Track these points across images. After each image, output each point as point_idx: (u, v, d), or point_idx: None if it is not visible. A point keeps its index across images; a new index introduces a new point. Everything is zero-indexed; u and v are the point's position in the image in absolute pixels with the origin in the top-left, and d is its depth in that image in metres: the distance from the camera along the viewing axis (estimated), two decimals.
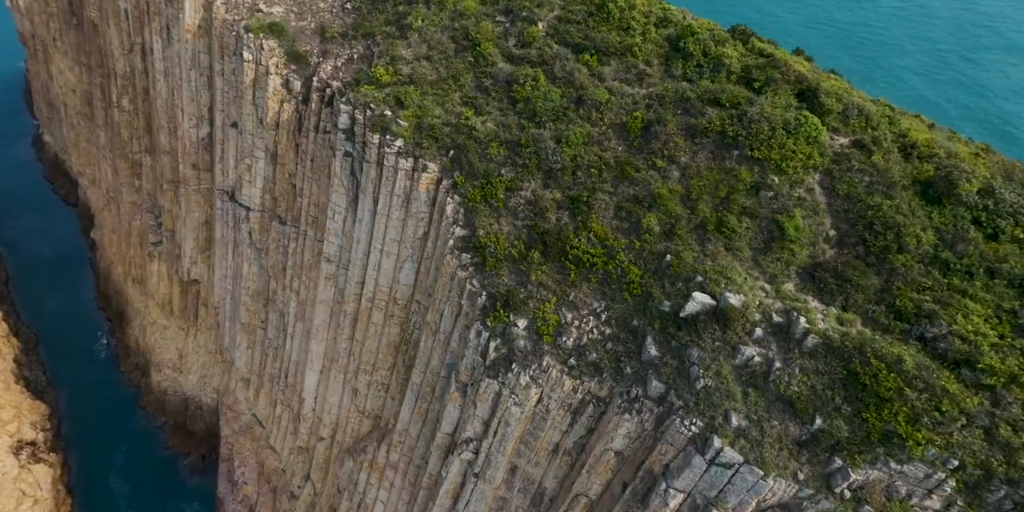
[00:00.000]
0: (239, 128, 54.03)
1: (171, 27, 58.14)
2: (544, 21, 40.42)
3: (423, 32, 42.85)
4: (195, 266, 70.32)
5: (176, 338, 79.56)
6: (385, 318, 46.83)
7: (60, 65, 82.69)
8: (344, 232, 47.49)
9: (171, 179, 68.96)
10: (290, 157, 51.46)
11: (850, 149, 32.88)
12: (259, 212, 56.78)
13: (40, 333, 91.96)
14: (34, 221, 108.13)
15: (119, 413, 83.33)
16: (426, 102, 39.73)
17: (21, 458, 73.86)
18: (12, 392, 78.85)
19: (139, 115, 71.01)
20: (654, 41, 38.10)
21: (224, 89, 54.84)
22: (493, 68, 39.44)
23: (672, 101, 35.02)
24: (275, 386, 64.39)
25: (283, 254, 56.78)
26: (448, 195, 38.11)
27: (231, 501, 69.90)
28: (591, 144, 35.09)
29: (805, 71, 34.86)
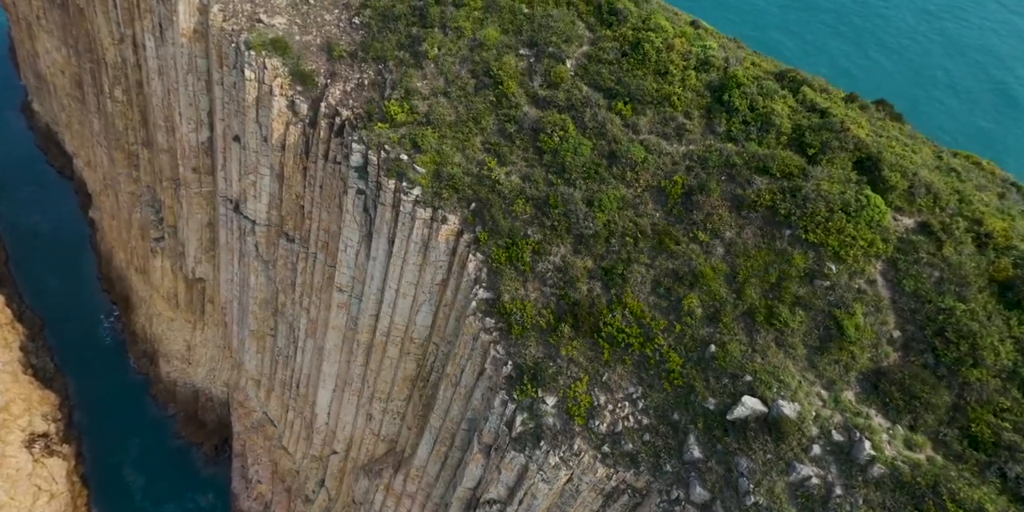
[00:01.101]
0: (242, 143, 51.28)
1: (164, 26, 54.46)
2: (572, 59, 37.32)
3: (440, 62, 39.75)
4: (200, 265, 68.57)
5: (183, 330, 78.58)
6: (401, 354, 45.59)
7: (46, 44, 78.49)
8: (357, 264, 45.67)
9: (170, 177, 66.39)
10: (297, 179, 49.01)
11: (917, 235, 30.45)
12: (265, 226, 54.69)
13: (44, 316, 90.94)
14: (29, 194, 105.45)
15: (129, 402, 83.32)
16: (445, 147, 37.18)
17: (34, 452, 74.12)
18: (21, 383, 78.47)
19: (134, 107, 67.76)
20: (694, 88, 35.13)
21: (224, 100, 51.77)
22: (517, 112, 36.66)
23: (716, 165, 32.49)
24: (287, 392, 63.82)
25: (292, 270, 55.05)
26: (470, 250, 36.14)
27: (246, 498, 70.55)
28: (625, 208, 32.88)
29: (864, 135, 32.04)
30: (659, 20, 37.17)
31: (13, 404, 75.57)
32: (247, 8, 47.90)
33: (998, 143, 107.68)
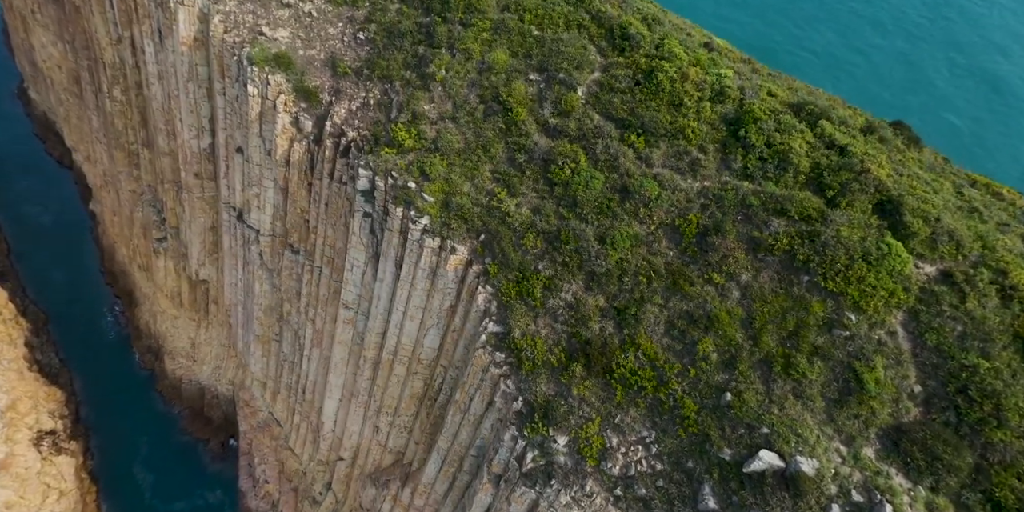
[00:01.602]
0: (244, 155, 50.59)
1: (163, 33, 53.32)
2: (583, 86, 36.50)
3: (447, 85, 38.91)
4: (203, 268, 68.27)
5: (187, 328, 78.60)
6: (408, 373, 45.57)
7: (42, 39, 77.04)
8: (363, 283, 45.39)
9: (172, 180, 65.74)
10: (302, 195, 48.44)
11: (939, 285, 29.95)
12: (269, 237, 54.25)
13: (48, 310, 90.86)
14: (28, 183, 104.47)
15: (135, 397, 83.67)
16: (453, 175, 36.61)
17: (42, 450, 74.66)
18: (27, 381, 78.75)
19: (133, 107, 66.76)
20: (709, 121, 34.39)
21: (226, 110, 50.95)
22: (527, 140, 35.99)
23: (731, 204, 31.96)
24: (293, 396, 64.05)
25: (297, 280, 54.77)
26: (479, 281, 35.83)
27: (253, 497, 71.30)
28: (639, 245, 32.47)
29: (885, 176, 31.36)
30: (673, 46, 36.26)
31: (20, 402, 75.90)
32: (249, 20, 46.82)
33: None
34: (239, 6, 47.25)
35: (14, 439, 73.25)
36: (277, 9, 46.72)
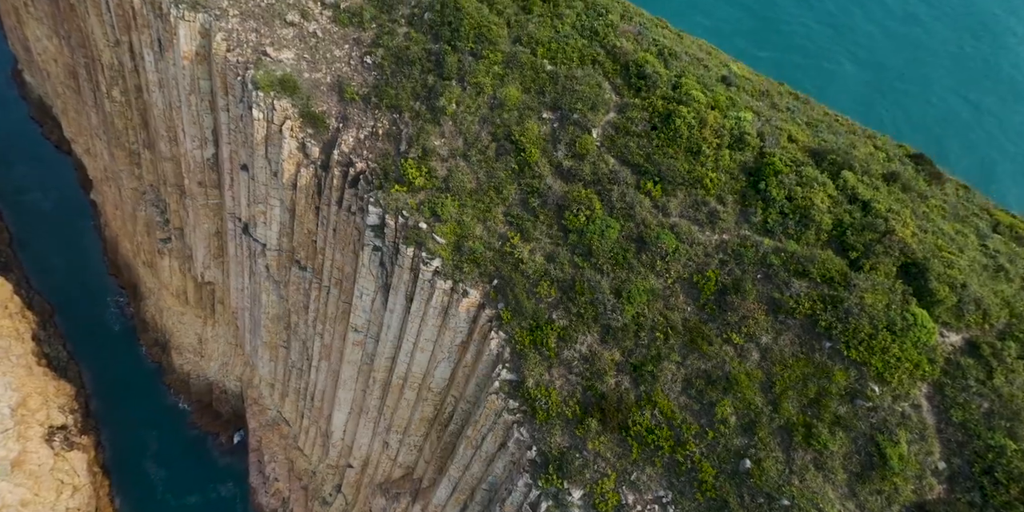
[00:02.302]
0: (250, 173, 49.90)
1: (163, 43, 51.93)
2: (598, 128, 35.68)
3: (458, 120, 38.07)
4: (208, 270, 68.03)
5: (194, 324, 78.79)
6: (418, 398, 45.81)
7: (36, 32, 75.14)
8: (373, 309, 45.26)
9: (175, 184, 64.98)
10: (309, 217, 47.91)
11: (965, 357, 29.66)
12: (276, 251, 53.91)
13: (53, 301, 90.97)
14: (27, 169, 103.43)
15: (144, 389, 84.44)
16: (465, 217, 36.13)
17: (54, 445, 75.62)
18: (35, 376, 79.28)
19: (133, 109, 65.51)
20: (728, 170, 33.69)
21: (230, 127, 50.04)
22: (540, 184, 35.38)
23: (751, 262, 31.55)
24: (301, 400, 64.58)
25: (304, 295, 54.64)
26: (492, 327, 35.70)
27: (264, 494, 72.54)
28: (655, 300, 32.20)
29: (909, 236, 30.75)
30: (690, 86, 35.32)
31: (30, 398, 76.56)
32: (252, 38, 45.55)
33: None
34: (241, 23, 45.94)
35: (26, 436, 74.13)
36: (281, 28, 45.42)
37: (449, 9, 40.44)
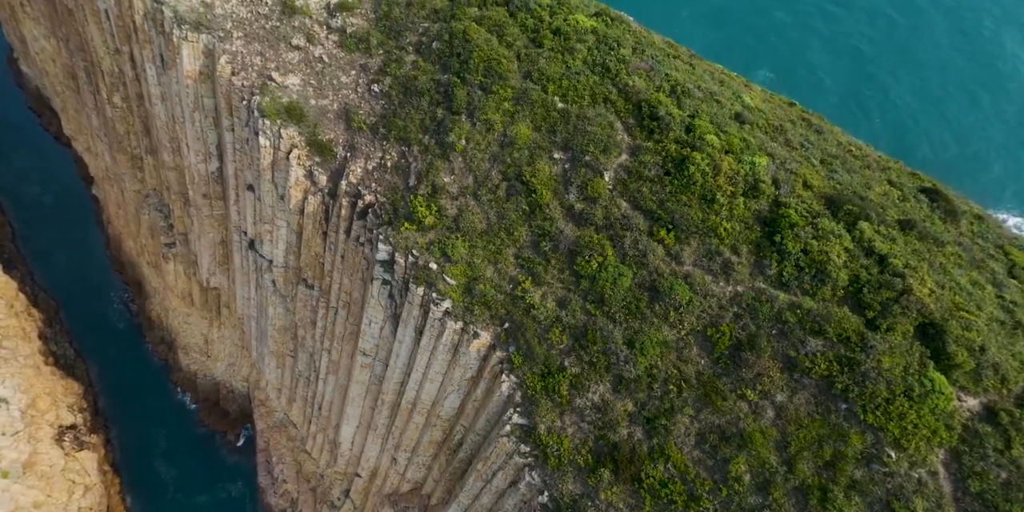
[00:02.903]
0: (256, 194, 49.55)
1: (165, 58, 51.10)
2: (610, 171, 35.30)
3: (468, 157, 37.68)
4: (214, 277, 68.00)
5: (200, 325, 79.03)
6: (427, 424, 46.19)
7: (33, 31, 73.76)
8: (382, 336, 45.35)
9: (179, 191, 64.57)
10: (317, 242, 47.72)
11: (983, 424, 29.64)
12: (283, 268, 53.83)
13: (58, 298, 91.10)
14: (26, 161, 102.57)
15: (151, 387, 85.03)
16: (476, 258, 36.02)
17: (65, 445, 76.51)
18: (44, 376, 79.83)
19: (135, 115, 64.75)
20: (742, 219, 33.39)
21: (235, 146, 49.53)
22: (552, 226, 35.16)
23: (766, 318, 31.44)
24: (309, 408, 65.12)
25: (312, 311, 54.71)
26: (503, 369, 35.85)
27: (272, 494, 73.63)
28: (669, 352, 32.24)
29: (926, 295, 30.55)
30: (703, 129, 34.85)
31: (39, 399, 77.19)
32: (257, 62, 44.82)
33: None
34: (246, 46, 45.16)
35: (37, 437, 74.91)
36: (286, 51, 44.66)
37: (458, 40, 39.73)
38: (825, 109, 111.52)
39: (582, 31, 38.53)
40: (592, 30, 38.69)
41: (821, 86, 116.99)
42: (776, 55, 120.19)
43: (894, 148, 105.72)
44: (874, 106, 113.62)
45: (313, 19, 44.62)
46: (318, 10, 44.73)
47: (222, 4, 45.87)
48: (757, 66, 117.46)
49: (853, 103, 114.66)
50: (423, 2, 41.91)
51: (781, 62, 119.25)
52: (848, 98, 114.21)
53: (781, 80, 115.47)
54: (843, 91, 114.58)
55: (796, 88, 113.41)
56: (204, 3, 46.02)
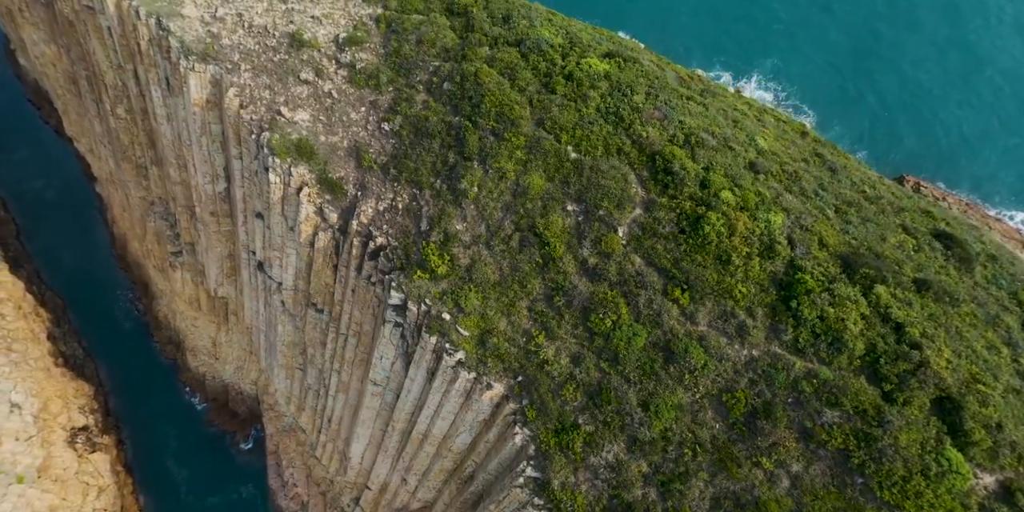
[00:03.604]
0: (265, 222, 49.48)
1: (171, 82, 50.49)
2: (624, 226, 35.24)
3: (480, 205, 37.58)
4: (222, 287, 68.24)
5: (208, 328, 79.54)
6: (438, 454, 46.87)
7: (33, 36, 72.63)
8: (393, 370, 45.73)
9: (185, 204, 64.39)
10: (327, 273, 47.79)
11: (999, 504, 29.88)
12: (292, 291, 54.01)
13: (64, 296, 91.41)
14: (27, 155, 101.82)
15: (160, 386, 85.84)
16: (489, 310, 36.21)
17: (77, 447, 77.72)
18: (54, 378, 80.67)
19: (139, 128, 64.21)
20: (757, 281, 33.41)
21: (244, 174, 49.27)
22: (565, 281, 35.25)
23: (782, 386, 31.66)
24: (318, 418, 65.94)
25: (322, 333, 55.06)
26: (516, 420, 36.29)
27: (283, 497, 75.04)
28: (683, 415, 32.58)
29: (943, 367, 30.71)
30: (718, 184, 34.67)
31: (51, 402, 78.17)
32: (266, 96, 44.35)
33: None
34: (254, 79, 44.63)
35: (50, 440, 76.07)
36: (295, 85, 44.13)
37: (469, 82, 39.27)
38: (831, 99, 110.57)
39: (595, 76, 38.05)
40: (605, 75, 38.21)
41: (827, 73, 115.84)
42: (782, 44, 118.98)
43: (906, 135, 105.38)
44: (878, 90, 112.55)
45: (322, 53, 44.01)
46: (327, 43, 44.08)
47: (229, 35, 45.19)
48: (767, 55, 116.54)
49: (854, 88, 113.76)
50: (433, 40, 41.29)
51: (786, 51, 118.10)
52: (855, 77, 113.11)
53: (788, 68, 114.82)
54: (849, 75, 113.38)
55: (802, 77, 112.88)
56: (211, 33, 45.36)
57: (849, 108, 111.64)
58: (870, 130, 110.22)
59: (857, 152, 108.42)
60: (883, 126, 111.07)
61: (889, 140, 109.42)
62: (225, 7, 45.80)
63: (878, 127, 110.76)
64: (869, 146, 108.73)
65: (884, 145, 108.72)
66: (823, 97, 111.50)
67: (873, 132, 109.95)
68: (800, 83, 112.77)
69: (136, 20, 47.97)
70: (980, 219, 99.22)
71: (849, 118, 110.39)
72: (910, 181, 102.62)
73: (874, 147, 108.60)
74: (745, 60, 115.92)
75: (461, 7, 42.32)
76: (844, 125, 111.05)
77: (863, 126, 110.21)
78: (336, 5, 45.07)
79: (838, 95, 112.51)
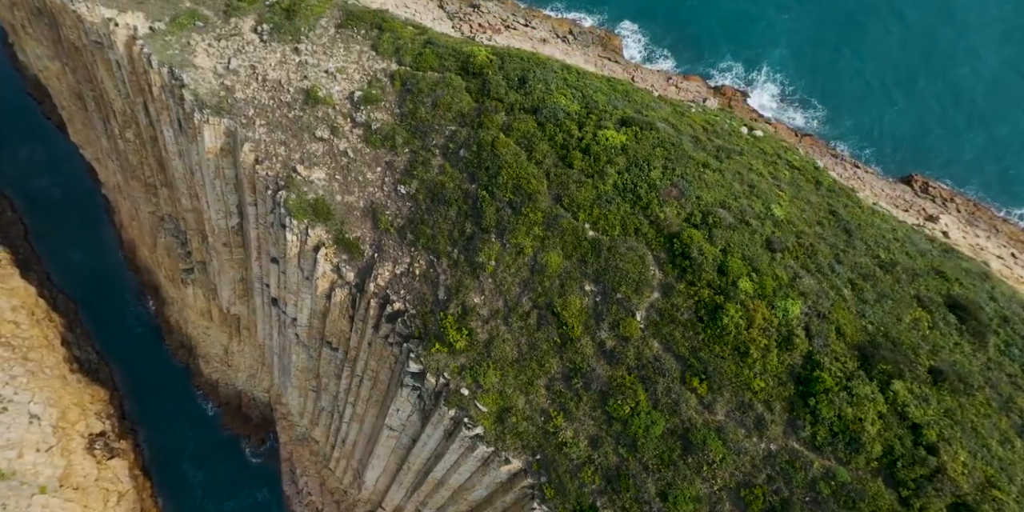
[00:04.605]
0: (281, 267, 49.88)
1: (183, 125, 50.22)
2: (642, 310, 35.72)
3: (498, 279, 38.00)
4: (235, 306, 68.93)
5: (220, 337, 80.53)
6: (453, 500, 48.25)
7: (36, 50, 71.53)
8: (410, 421, 46.74)
9: (197, 228, 64.61)
10: (344, 323, 48.35)
11: None
12: (307, 327, 54.73)
13: (75, 298, 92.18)
14: (29, 152, 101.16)
15: (174, 390, 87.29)
16: (507, 387, 37.01)
17: (96, 454, 79.68)
18: (70, 385, 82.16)
19: (148, 152, 63.92)
20: (775, 373, 33.99)
21: (258, 221, 49.45)
22: (583, 363, 35.92)
23: (800, 484, 32.46)
24: (332, 436, 67.42)
25: (336, 368, 55.97)
26: (534, 495, 37.34)
27: (298, 504, 77.28)
28: (702, 505, 33.59)
29: (960, 474, 31.34)
30: (736, 271, 34.99)
31: (69, 411, 79.82)
32: (281, 152, 44.29)
33: None
34: (269, 134, 44.49)
35: (69, 449, 77.97)
36: (310, 142, 44.01)
37: (486, 152, 39.23)
38: (841, 92, 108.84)
39: (612, 150, 38.00)
40: (622, 148, 38.16)
41: (837, 65, 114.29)
42: (791, 34, 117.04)
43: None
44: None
45: (337, 110, 43.75)
46: (341, 101, 43.77)
47: (243, 88, 44.84)
48: (776, 44, 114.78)
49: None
50: (449, 104, 41.05)
51: (795, 41, 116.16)
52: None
53: (797, 58, 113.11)
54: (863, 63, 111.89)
55: (811, 69, 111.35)
56: (224, 86, 44.99)
57: (858, 102, 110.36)
58: (879, 126, 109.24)
59: (865, 149, 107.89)
60: (892, 121, 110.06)
61: (898, 136, 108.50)
62: (238, 58, 45.33)
63: (887, 122, 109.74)
64: (878, 142, 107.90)
65: (893, 141, 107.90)
66: (832, 90, 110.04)
67: (882, 128, 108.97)
68: (809, 76, 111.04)
69: (148, 67, 47.47)
70: (988, 221, 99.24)
71: (858, 113, 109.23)
72: (918, 181, 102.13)
73: (882, 144, 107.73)
74: (755, 49, 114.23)
75: (476, 67, 41.90)
76: (853, 119, 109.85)
77: (872, 121, 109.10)
78: (350, 58, 44.58)
79: (847, 88, 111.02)
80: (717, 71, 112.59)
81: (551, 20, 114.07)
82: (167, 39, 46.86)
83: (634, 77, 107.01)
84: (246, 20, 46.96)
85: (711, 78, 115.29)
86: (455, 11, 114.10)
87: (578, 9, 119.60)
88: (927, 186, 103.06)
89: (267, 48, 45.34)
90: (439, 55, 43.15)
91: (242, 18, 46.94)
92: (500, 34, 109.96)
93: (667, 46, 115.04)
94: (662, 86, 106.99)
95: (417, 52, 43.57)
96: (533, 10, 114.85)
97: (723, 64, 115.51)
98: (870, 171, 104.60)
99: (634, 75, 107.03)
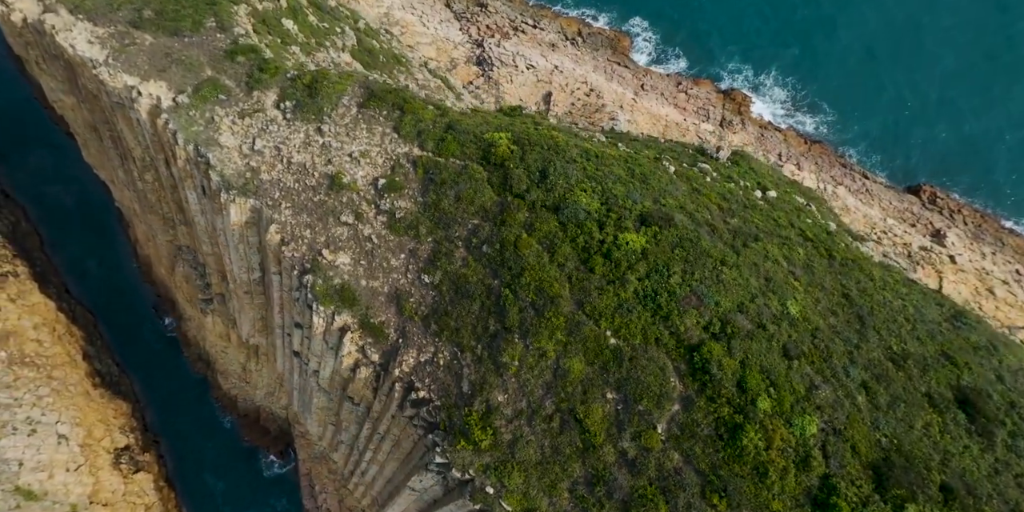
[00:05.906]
0: (305, 333, 51.23)
1: (207, 191, 50.89)
2: (663, 422, 37.22)
3: (521, 380, 39.43)
4: (254, 338, 70.52)
5: (238, 355, 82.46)
6: None
7: (51, 84, 71.24)
8: (431, 490, 48.75)
9: (217, 269, 65.75)
10: (368, 393, 49.93)
11: None
12: (328, 381, 56.43)
13: (94, 309, 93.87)
14: (41, 159, 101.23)
15: (194, 400, 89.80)
16: (531, 489, 38.77)
17: (122, 468, 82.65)
18: (94, 401, 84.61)
19: (168, 195, 64.54)
20: (793, 495, 35.58)
21: (283, 293, 50.55)
22: (605, 471, 37.58)
23: None
24: (352, 465, 69.87)
25: (357, 422, 57.79)
26: None
27: None
28: None
29: None
30: (755, 389, 36.35)
31: (94, 428, 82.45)
32: (307, 235, 45.18)
33: None
34: (294, 217, 45.30)
35: (97, 465, 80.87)
36: (335, 226, 44.86)
37: (509, 251, 40.16)
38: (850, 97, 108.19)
39: (632, 255, 38.92)
40: (642, 252, 39.07)
41: (846, 69, 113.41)
42: (802, 36, 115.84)
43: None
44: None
45: (361, 196, 44.44)
46: (366, 187, 44.42)
47: (268, 170, 45.42)
48: (786, 45, 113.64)
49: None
50: (471, 198, 41.75)
51: (805, 44, 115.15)
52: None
53: (807, 61, 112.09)
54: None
55: (822, 73, 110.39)
56: (250, 167, 45.57)
57: (868, 108, 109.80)
58: (888, 133, 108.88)
59: (874, 154, 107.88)
60: (901, 129, 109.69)
61: (907, 144, 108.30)
62: (263, 139, 45.77)
63: (896, 130, 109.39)
64: (887, 149, 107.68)
65: (902, 150, 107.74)
66: (842, 95, 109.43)
67: (891, 135, 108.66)
68: (820, 80, 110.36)
69: (173, 142, 47.88)
70: (994, 233, 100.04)
71: (867, 119, 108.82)
72: (927, 191, 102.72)
73: (892, 151, 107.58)
74: (764, 50, 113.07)
75: (497, 158, 42.45)
76: (862, 125, 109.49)
77: (881, 128, 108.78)
78: (373, 141, 45.04)
79: (858, 93, 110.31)
80: (727, 73, 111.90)
81: (560, 20, 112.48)
82: (191, 114, 47.18)
83: (644, 84, 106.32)
84: (268, 94, 47.17)
85: (721, 80, 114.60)
86: (462, 11, 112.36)
87: (587, 5, 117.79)
88: (935, 197, 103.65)
89: (291, 127, 45.73)
90: (460, 142, 43.59)
91: (264, 92, 47.14)
92: (509, 39, 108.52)
93: (677, 45, 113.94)
94: (672, 93, 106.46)
95: (439, 137, 43.99)
96: (541, 9, 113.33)
97: (732, 65, 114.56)
98: (879, 181, 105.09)
99: (644, 82, 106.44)
